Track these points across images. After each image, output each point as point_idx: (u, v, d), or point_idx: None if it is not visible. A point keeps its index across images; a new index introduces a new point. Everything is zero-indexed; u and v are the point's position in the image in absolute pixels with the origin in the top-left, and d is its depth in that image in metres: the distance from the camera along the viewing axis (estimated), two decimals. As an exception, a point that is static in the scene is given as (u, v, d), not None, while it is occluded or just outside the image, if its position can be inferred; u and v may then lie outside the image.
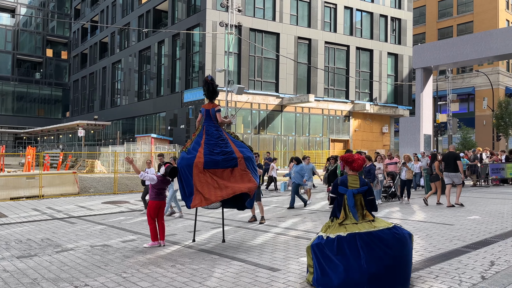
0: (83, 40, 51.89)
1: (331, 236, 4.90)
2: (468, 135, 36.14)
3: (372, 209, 5.15)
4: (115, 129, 41.42)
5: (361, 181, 5.22)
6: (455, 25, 44.09)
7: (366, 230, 4.81)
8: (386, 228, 4.87)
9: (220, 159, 7.25)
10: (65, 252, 7.04)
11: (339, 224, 5.01)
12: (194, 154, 7.32)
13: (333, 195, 5.26)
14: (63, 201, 14.45)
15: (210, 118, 7.76)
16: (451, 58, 20.77)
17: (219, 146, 7.46)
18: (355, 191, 5.10)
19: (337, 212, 5.14)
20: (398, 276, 4.72)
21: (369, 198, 5.14)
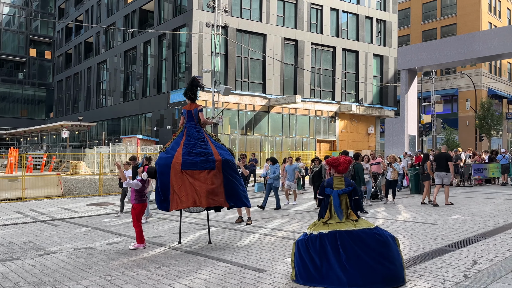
0: (67, 39, 51.18)
1: (314, 233, 5.13)
2: (451, 135, 36.73)
3: (357, 209, 5.35)
4: (101, 130, 40.95)
5: (346, 181, 5.40)
6: (439, 27, 44.77)
7: (348, 228, 4.99)
8: (367, 228, 5.04)
9: (198, 160, 7.17)
10: (48, 255, 6.92)
11: (323, 223, 5.21)
12: (172, 154, 7.26)
13: (320, 196, 5.47)
14: (47, 203, 14.23)
15: (192, 119, 7.68)
16: (435, 60, 21.07)
17: (198, 146, 7.38)
18: (340, 191, 5.29)
19: (323, 213, 5.33)
20: (378, 276, 4.79)
21: (354, 198, 5.33)
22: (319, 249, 4.98)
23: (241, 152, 15.84)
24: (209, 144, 7.52)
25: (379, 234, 4.99)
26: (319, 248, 4.99)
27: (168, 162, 7.17)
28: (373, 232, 5.00)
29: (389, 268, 4.85)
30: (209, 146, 7.49)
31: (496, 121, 37.29)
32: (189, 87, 7.86)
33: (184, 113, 7.74)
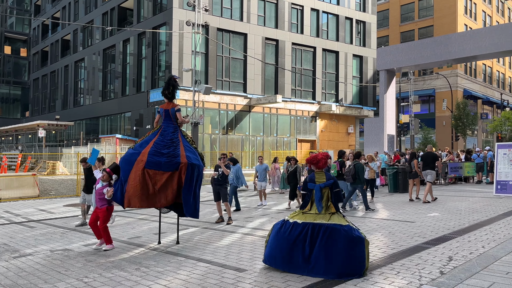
0: (43, 37, 50.01)
1: (290, 221, 5.61)
2: (429, 135, 37.51)
3: (338, 200, 5.77)
4: (78, 130, 40.17)
5: (327, 175, 5.84)
6: (417, 29, 45.64)
7: (320, 222, 5.43)
8: (338, 224, 5.41)
9: (163, 161, 7.05)
10: (23, 257, 6.75)
11: (302, 213, 5.66)
12: (139, 151, 7.18)
13: (304, 192, 5.86)
14: (22, 204, 13.87)
15: (170, 118, 7.58)
16: (412, 61, 21.46)
17: (167, 148, 7.28)
18: (322, 185, 5.69)
19: (306, 205, 5.76)
20: (334, 268, 5.20)
21: (335, 191, 5.76)
22: (289, 236, 5.45)
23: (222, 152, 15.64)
24: (179, 146, 7.37)
25: (346, 231, 5.34)
26: (289, 235, 5.46)
27: (133, 158, 7.08)
28: (342, 228, 5.37)
29: (347, 264, 5.22)
30: (178, 148, 7.34)
31: (471, 121, 38.29)
32: (166, 86, 7.75)
33: (161, 112, 7.61)
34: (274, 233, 5.64)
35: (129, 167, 7.03)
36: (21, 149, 40.57)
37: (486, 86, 48.46)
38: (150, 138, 7.39)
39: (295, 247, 5.41)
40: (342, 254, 5.23)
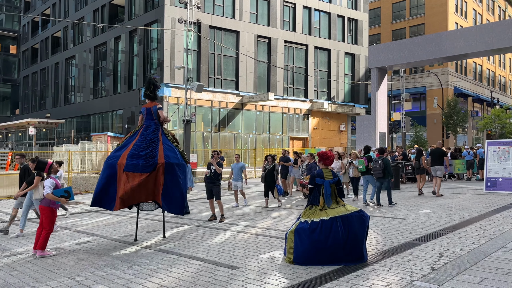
0: (33, 34, 49.43)
1: (315, 220, 5.90)
2: (420, 132, 37.80)
3: (341, 196, 6.31)
4: (69, 128, 39.82)
5: (333, 173, 6.31)
6: (408, 27, 45.90)
7: (343, 213, 5.94)
8: (356, 211, 6.06)
9: (141, 164, 7.24)
10: (14, 256, 6.70)
11: (320, 210, 6.01)
12: (119, 155, 7.43)
13: (311, 186, 6.22)
14: (13, 203, 13.71)
15: (152, 116, 7.72)
16: (404, 59, 21.58)
17: (146, 149, 7.42)
18: (331, 181, 6.18)
19: (317, 200, 6.11)
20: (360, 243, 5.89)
21: (339, 187, 6.28)
22: (323, 232, 5.78)
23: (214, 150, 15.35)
24: (159, 146, 7.48)
25: (364, 216, 6.08)
26: (322, 231, 5.79)
27: (114, 162, 7.37)
28: (360, 214, 6.06)
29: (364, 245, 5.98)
30: (157, 148, 7.44)
31: (462, 118, 38.64)
32: (147, 86, 7.95)
33: (143, 111, 7.77)
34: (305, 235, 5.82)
35: (113, 171, 7.30)
36: (11, 147, 40.11)
37: (476, 84, 48.92)
38: (129, 141, 7.61)
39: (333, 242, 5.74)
40: (362, 237, 5.91)
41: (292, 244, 5.90)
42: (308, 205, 6.19)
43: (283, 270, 5.55)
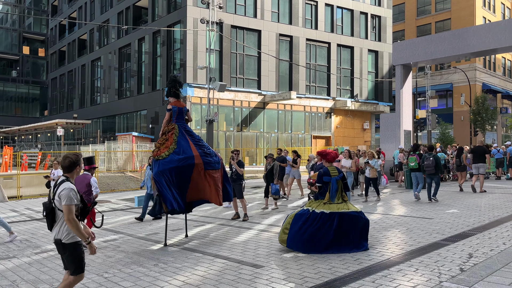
0: (60, 37, 50.79)
1: (317, 211, 6.45)
2: (446, 130, 36.89)
3: (347, 190, 6.87)
4: (96, 128, 40.74)
5: (337, 170, 6.85)
6: (433, 23, 44.86)
7: (343, 211, 6.41)
8: (355, 211, 6.52)
9: (213, 160, 7.49)
10: (45, 253, 6.90)
11: (323, 204, 6.54)
12: (191, 155, 7.24)
13: (319, 184, 6.70)
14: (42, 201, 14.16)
15: (182, 117, 7.68)
16: (429, 55, 21.10)
17: (202, 147, 7.56)
18: (338, 177, 6.69)
19: (323, 196, 6.64)
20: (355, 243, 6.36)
21: (344, 182, 6.82)
22: (319, 223, 6.32)
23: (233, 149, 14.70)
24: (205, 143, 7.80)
25: (361, 217, 6.51)
26: (319, 222, 6.33)
27: (192, 162, 7.22)
28: (359, 215, 6.51)
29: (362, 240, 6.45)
30: (207, 145, 7.77)
31: (491, 115, 37.49)
32: (172, 83, 7.79)
33: (175, 109, 7.58)
34: (302, 221, 6.39)
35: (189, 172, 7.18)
36: (41, 147, 41.39)
37: (505, 79, 47.39)
38: (186, 140, 7.42)
39: (325, 232, 6.28)
40: (358, 233, 6.42)
41: (289, 226, 6.49)
42: (315, 198, 6.83)
43: (307, 270, 5.52)
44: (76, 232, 3.91)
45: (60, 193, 3.90)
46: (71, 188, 3.94)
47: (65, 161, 4.08)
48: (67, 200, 3.86)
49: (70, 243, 3.96)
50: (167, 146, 7.25)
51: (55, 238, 3.98)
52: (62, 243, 3.95)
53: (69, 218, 3.86)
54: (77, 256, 3.98)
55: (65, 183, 3.97)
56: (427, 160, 11.59)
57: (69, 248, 3.96)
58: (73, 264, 3.98)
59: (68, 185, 3.95)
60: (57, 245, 3.99)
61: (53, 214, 3.98)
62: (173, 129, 7.46)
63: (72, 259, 3.97)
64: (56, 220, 4.00)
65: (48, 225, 4.03)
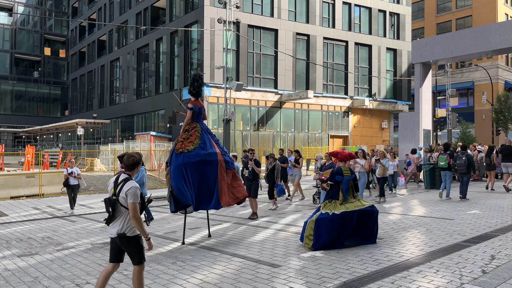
0: (81, 38, 51.72)
1: (336, 212, 6.64)
2: (467, 129, 36.12)
3: (356, 190, 7.09)
4: (114, 127, 41.36)
5: (350, 170, 7.04)
6: (454, 20, 44.00)
7: (359, 208, 6.73)
8: (369, 206, 6.86)
9: (230, 160, 7.55)
10: (66, 250, 7.04)
11: (340, 204, 6.75)
12: (215, 151, 7.29)
13: (331, 182, 6.89)
14: (64, 199, 14.44)
15: (201, 116, 7.72)
16: (450, 53, 20.70)
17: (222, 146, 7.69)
18: (350, 178, 6.90)
19: (336, 195, 6.84)
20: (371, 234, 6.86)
21: (355, 183, 7.07)
22: (340, 224, 6.58)
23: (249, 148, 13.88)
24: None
25: (374, 211, 6.86)
26: (340, 223, 6.58)
27: (216, 158, 7.21)
28: (372, 209, 6.85)
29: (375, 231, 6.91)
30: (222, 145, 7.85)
31: (513, 114, 36.52)
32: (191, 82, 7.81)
33: (196, 109, 7.60)
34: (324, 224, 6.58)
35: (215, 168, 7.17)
36: (62, 146, 42.25)
37: (529, 77, 46.13)
38: (208, 138, 7.46)
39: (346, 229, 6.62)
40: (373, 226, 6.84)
41: (312, 231, 6.57)
42: (327, 198, 6.94)
43: (325, 270, 5.49)
44: (139, 229, 4.11)
45: (127, 191, 4.08)
46: (137, 187, 4.13)
47: (129, 160, 4.26)
48: (134, 198, 4.06)
49: (134, 236, 4.19)
50: (192, 141, 7.26)
51: (118, 232, 4.16)
52: (127, 237, 4.15)
53: (135, 215, 4.06)
54: (140, 247, 4.22)
55: (130, 182, 4.15)
56: (460, 160, 11.65)
57: (133, 240, 4.18)
58: (138, 255, 4.20)
59: (133, 183, 4.13)
60: (120, 239, 4.17)
61: (114, 210, 4.16)
62: (196, 127, 7.51)
63: (137, 251, 4.19)
64: (116, 216, 4.17)
65: (108, 221, 4.21)
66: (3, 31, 58.39)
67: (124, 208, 4.12)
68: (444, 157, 12.07)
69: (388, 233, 7.64)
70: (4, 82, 58.00)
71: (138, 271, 4.25)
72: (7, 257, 6.62)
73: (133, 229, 4.16)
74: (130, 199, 4.04)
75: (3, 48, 58.19)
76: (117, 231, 4.16)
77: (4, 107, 58.33)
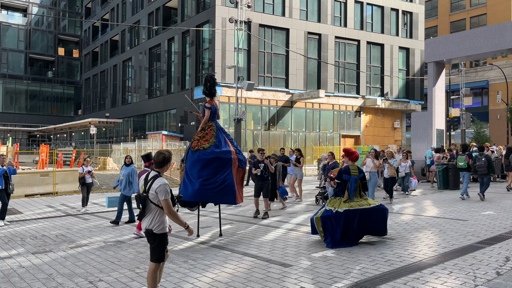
0: (94, 38, 52.28)
1: (340, 210, 6.72)
2: (481, 129, 35.59)
3: (364, 189, 7.10)
4: (127, 127, 41.72)
5: (359, 169, 7.09)
6: (468, 18, 43.38)
7: (365, 207, 6.79)
8: (376, 205, 6.91)
9: (243, 159, 7.79)
10: (79, 248, 7.12)
11: (343, 202, 6.82)
12: (229, 150, 7.54)
13: (338, 181, 6.97)
14: (77, 198, 14.62)
15: (216, 116, 8.00)
16: (464, 52, 20.44)
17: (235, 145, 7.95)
18: (357, 177, 6.96)
19: (341, 193, 6.95)
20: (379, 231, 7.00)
21: (363, 182, 7.09)
22: (343, 221, 6.63)
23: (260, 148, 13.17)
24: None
25: (383, 209, 6.94)
26: (343, 220, 6.63)
27: (230, 157, 7.46)
28: (380, 207, 6.93)
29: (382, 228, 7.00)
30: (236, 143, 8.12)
31: (529, 114, 35.88)
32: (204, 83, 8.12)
33: (213, 108, 7.92)
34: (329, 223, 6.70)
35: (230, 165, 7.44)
36: (75, 145, 42.78)
37: (545, 76, 45.24)
38: (222, 137, 7.74)
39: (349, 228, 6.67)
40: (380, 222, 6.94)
41: (321, 228, 6.81)
42: (333, 195, 7.10)
43: (336, 270, 5.47)
44: (177, 222, 4.24)
45: (157, 189, 4.15)
46: (166, 183, 4.21)
47: (159, 157, 4.33)
48: (165, 195, 4.14)
49: (161, 233, 4.25)
50: (207, 140, 7.56)
51: (146, 228, 4.26)
52: (154, 233, 4.23)
53: (169, 211, 4.17)
54: (163, 247, 4.31)
55: (159, 179, 4.21)
56: (479, 161, 11.68)
57: (159, 238, 4.26)
58: (159, 253, 4.29)
59: (162, 180, 4.20)
60: (147, 234, 4.28)
61: (144, 207, 4.28)
62: (211, 126, 7.81)
63: (158, 249, 4.28)
64: (146, 212, 4.28)
65: (140, 216, 4.33)
66: (17, 32, 59.32)
67: (153, 205, 4.20)
68: (463, 158, 12.25)
69: (401, 233, 7.57)
70: (19, 82, 58.94)
71: (153, 269, 4.31)
72: (22, 254, 6.73)
73: (160, 226, 4.23)
74: (161, 197, 4.13)
75: (18, 48, 59.13)
76: (145, 227, 4.26)
77: (19, 107, 59.26)
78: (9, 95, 58.55)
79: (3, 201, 9.47)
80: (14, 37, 59.07)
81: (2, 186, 9.46)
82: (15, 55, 58.99)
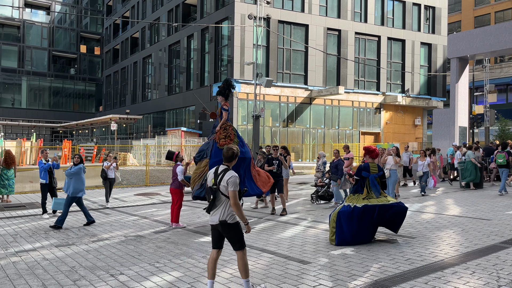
0: (115, 36, 53.04)
1: (358, 206, 6.75)
2: (506, 127, 34.65)
3: (383, 187, 7.07)
4: (146, 123, 42.25)
5: (378, 167, 7.08)
6: (493, 13, 42.21)
7: (383, 203, 6.80)
8: (394, 202, 6.91)
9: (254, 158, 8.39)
10: (101, 241, 7.26)
11: (362, 198, 6.84)
12: (248, 150, 8.40)
13: (357, 177, 6.98)
14: (98, 192, 14.89)
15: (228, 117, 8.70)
16: (488, 47, 19.91)
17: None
18: (376, 175, 6.96)
19: (361, 190, 6.94)
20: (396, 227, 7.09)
21: (383, 180, 7.07)
22: (361, 217, 6.65)
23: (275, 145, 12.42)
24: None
25: (401, 206, 6.93)
26: (361, 216, 6.65)
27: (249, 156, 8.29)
28: (399, 205, 6.92)
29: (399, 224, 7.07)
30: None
31: (557, 111, 34.73)
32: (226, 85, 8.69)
33: (230, 110, 8.65)
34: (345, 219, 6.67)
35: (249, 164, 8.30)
36: (96, 141, 43.59)
37: None
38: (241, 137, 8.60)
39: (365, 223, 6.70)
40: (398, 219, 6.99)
41: (334, 224, 6.74)
42: (352, 192, 7.12)
43: (355, 268, 5.42)
44: (239, 214, 4.39)
45: (229, 180, 4.35)
46: (237, 176, 4.42)
47: (228, 152, 4.56)
48: (234, 186, 4.34)
49: (235, 223, 4.46)
50: (232, 139, 8.22)
51: (220, 219, 4.42)
52: (228, 224, 4.42)
53: (235, 202, 4.34)
54: (240, 233, 4.48)
55: (230, 171, 4.44)
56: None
57: (234, 227, 4.45)
58: (239, 241, 4.47)
59: (233, 173, 4.42)
60: (222, 226, 4.43)
61: (215, 199, 4.45)
62: (231, 126, 8.49)
63: (238, 237, 4.46)
64: (217, 204, 4.45)
65: (209, 209, 4.49)
66: (41, 29, 60.66)
67: (224, 196, 4.39)
68: (502, 155, 12.93)
69: (421, 232, 7.45)
70: (42, 79, 60.31)
71: (241, 256, 4.49)
72: (46, 247, 6.90)
73: (233, 216, 4.42)
74: (231, 187, 4.31)
75: (41, 46, 60.49)
76: (219, 218, 4.41)
77: (43, 103, 60.67)
78: (33, 92, 60.00)
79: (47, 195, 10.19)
80: (37, 35, 60.42)
81: (46, 181, 10.21)
82: (39, 52, 60.37)
